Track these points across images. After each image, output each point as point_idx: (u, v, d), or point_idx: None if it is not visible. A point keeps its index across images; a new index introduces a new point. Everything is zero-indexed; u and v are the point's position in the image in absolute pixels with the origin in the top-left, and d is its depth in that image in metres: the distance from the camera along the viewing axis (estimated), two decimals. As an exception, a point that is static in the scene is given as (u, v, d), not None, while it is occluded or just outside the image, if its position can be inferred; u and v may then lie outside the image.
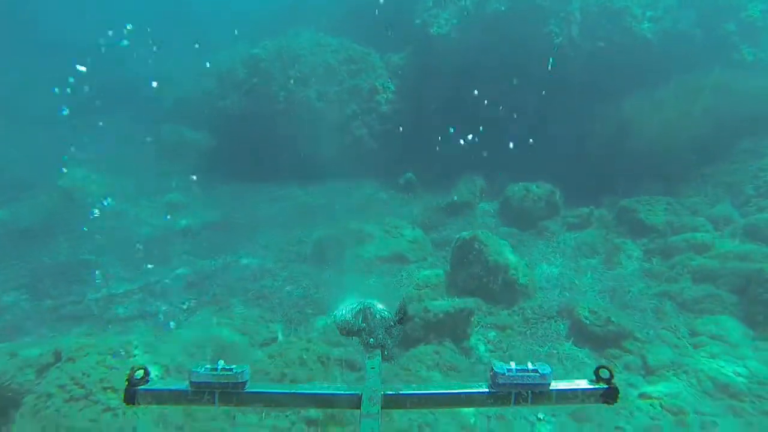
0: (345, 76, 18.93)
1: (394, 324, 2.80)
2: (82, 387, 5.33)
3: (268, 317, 8.79)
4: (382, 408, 1.85)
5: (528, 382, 1.84)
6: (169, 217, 14.21)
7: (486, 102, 15.95)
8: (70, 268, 11.55)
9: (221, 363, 1.89)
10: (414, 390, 1.97)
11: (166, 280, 10.88)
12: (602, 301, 9.34)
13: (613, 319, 8.06)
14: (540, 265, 11.00)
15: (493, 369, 1.88)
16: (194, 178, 16.00)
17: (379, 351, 2.49)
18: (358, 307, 2.89)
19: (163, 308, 9.58)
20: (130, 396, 1.86)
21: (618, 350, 7.77)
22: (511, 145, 13.98)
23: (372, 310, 2.85)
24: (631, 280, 10.16)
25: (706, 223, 11.11)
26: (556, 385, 1.89)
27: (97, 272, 11.40)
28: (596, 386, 1.88)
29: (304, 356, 6.51)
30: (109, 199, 14.51)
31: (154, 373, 1.96)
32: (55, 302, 10.19)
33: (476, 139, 15.55)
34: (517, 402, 1.86)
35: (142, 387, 1.88)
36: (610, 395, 1.87)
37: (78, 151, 16.21)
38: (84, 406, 5.22)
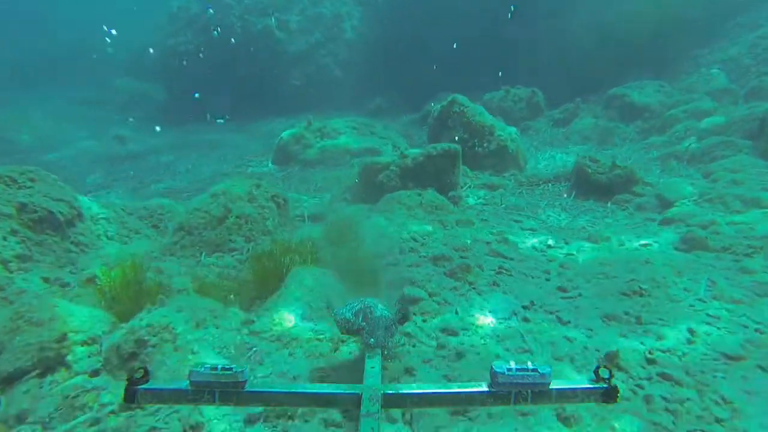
0: (307, 4, 17.53)
1: (394, 323, 2.78)
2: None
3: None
4: (381, 407, 1.87)
5: (528, 381, 1.83)
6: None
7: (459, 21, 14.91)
8: None
9: (221, 362, 1.96)
10: (414, 389, 1.99)
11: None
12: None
13: (619, 163, 7.01)
14: (528, 151, 9.91)
15: (493, 368, 1.87)
16: (131, 120, 14.82)
17: (379, 350, 2.47)
18: (358, 306, 2.85)
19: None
20: (131, 395, 1.87)
21: (628, 195, 6.71)
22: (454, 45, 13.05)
23: (372, 309, 2.80)
24: (629, 153, 9.17)
25: (704, 97, 10.20)
26: (556, 384, 1.87)
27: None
28: (596, 385, 1.88)
29: (255, 192, 5.23)
30: None
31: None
32: None
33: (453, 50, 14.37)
34: (516, 401, 1.86)
35: (143, 386, 1.88)
36: (609, 394, 1.86)
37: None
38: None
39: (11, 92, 20.82)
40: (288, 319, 3.37)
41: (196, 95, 13.00)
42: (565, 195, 7.11)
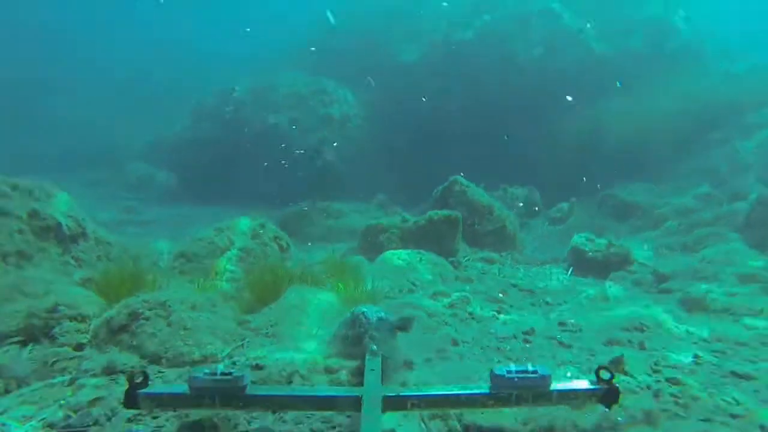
0: (317, 105, 19.12)
1: (394, 329, 2.80)
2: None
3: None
4: (382, 410, 1.83)
5: (528, 384, 1.83)
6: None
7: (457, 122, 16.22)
8: None
9: (220, 367, 1.89)
10: (414, 391, 1.93)
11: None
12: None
13: (613, 242, 7.19)
14: (525, 242, 10.15)
15: (493, 371, 1.86)
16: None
17: (379, 353, 2.49)
18: (348, 315, 2.89)
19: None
20: (132, 399, 1.87)
21: (624, 272, 6.79)
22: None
23: (365, 314, 2.79)
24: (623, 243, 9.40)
25: (691, 200, 10.74)
26: (557, 385, 1.87)
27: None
28: (597, 387, 1.88)
29: (259, 230, 5.35)
30: None
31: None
32: None
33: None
34: (517, 403, 1.84)
35: (143, 390, 1.88)
36: (610, 396, 1.87)
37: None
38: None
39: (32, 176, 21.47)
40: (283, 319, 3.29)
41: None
42: (563, 272, 7.19)
